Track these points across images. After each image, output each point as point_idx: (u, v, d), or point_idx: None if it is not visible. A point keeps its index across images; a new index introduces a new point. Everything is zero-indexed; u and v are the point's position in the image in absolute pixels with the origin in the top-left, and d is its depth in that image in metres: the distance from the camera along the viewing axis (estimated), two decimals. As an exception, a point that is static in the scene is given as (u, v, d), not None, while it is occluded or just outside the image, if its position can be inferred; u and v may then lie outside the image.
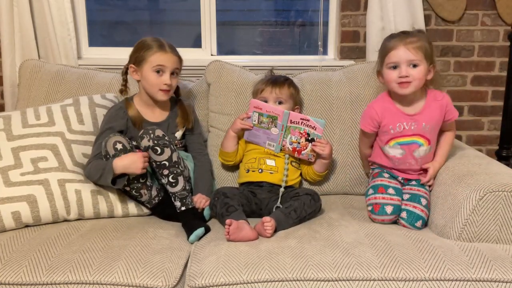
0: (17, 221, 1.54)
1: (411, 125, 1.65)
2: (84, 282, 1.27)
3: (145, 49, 1.71)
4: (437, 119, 1.65)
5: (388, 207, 1.59)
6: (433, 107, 1.65)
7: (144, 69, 1.72)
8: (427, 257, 1.32)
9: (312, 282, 1.26)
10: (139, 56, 1.72)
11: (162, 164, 1.58)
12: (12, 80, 2.22)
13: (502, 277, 1.26)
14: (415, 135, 1.65)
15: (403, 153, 1.67)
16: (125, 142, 1.57)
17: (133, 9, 2.80)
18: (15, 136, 1.64)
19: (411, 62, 1.58)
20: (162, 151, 1.56)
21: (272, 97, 1.82)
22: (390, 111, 1.67)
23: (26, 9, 2.15)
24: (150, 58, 1.70)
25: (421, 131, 1.64)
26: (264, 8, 2.85)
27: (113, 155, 1.56)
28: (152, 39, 1.75)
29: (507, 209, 1.41)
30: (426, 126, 1.64)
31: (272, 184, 1.76)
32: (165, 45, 1.73)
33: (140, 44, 1.75)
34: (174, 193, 1.60)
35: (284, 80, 1.87)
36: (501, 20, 2.35)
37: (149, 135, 1.56)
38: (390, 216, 1.58)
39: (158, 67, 1.71)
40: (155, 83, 1.72)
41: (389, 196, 1.62)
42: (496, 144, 2.39)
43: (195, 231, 1.50)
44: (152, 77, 1.71)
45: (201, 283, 1.26)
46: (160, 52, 1.71)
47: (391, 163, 1.73)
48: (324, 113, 1.98)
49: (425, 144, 1.65)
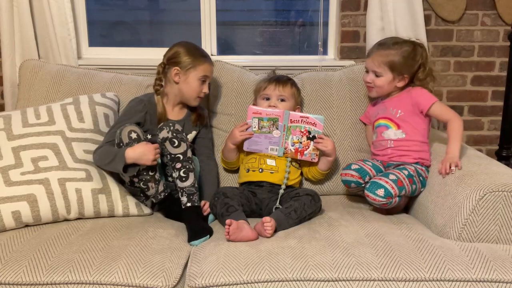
0: (17, 220, 1.54)
1: (381, 110, 1.85)
2: (84, 282, 1.27)
3: (194, 57, 1.78)
4: (407, 108, 1.77)
5: (355, 165, 1.76)
6: (402, 97, 1.81)
7: (191, 76, 1.78)
8: (427, 257, 1.32)
9: (312, 282, 1.26)
10: (187, 61, 1.77)
11: (176, 157, 1.60)
12: (12, 80, 2.21)
13: (503, 277, 1.26)
14: (384, 118, 1.82)
15: (377, 135, 1.85)
16: (139, 132, 1.61)
17: (133, 9, 2.80)
18: (15, 135, 1.64)
19: (375, 72, 1.81)
20: (179, 144, 1.60)
21: (275, 94, 1.82)
22: (376, 104, 1.92)
23: (26, 9, 2.15)
24: (200, 67, 1.78)
25: (389, 114, 1.81)
26: (264, 8, 2.85)
27: (127, 144, 1.58)
28: (195, 47, 1.83)
29: (507, 209, 1.42)
30: (393, 110, 1.80)
31: (273, 184, 1.76)
32: (208, 57, 1.83)
33: (186, 49, 1.79)
34: (183, 188, 1.61)
35: (287, 79, 1.88)
36: (501, 20, 2.35)
37: (169, 127, 1.60)
38: (353, 172, 1.72)
39: (204, 77, 1.79)
40: (197, 90, 1.79)
41: (363, 163, 1.78)
42: (496, 144, 2.39)
43: (200, 238, 1.50)
44: (196, 84, 1.78)
45: (201, 283, 1.26)
46: (208, 63, 1.81)
47: (374, 149, 1.87)
48: (324, 113, 1.98)
49: (394, 127, 1.79)
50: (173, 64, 1.79)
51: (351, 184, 1.74)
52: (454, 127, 1.71)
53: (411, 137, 1.77)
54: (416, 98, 1.77)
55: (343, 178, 1.76)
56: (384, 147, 1.81)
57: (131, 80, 2.03)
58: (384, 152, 1.81)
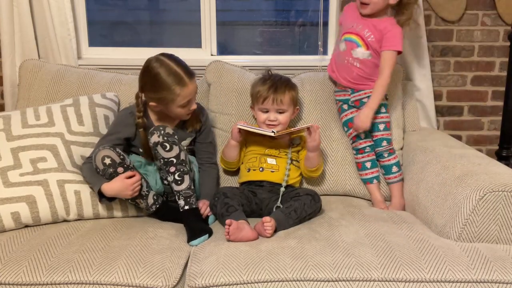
0: (17, 221, 1.54)
1: (358, 25, 1.87)
2: (84, 282, 1.27)
3: (167, 90, 1.61)
4: (377, 38, 1.84)
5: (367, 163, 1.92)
6: (381, 26, 1.84)
7: (171, 108, 1.66)
8: (427, 257, 1.32)
9: (312, 282, 1.26)
10: (162, 98, 1.63)
11: (169, 161, 1.57)
12: (12, 80, 2.21)
13: (503, 278, 1.26)
14: (357, 34, 1.86)
15: (345, 49, 1.89)
16: (114, 156, 1.55)
17: (133, 9, 2.79)
18: (14, 136, 1.64)
19: None
20: (171, 148, 1.56)
21: (274, 108, 1.79)
22: (353, 13, 1.92)
23: (26, 9, 2.14)
24: (177, 99, 1.63)
25: (362, 34, 1.86)
26: (264, 8, 2.85)
27: (102, 170, 1.55)
28: (167, 73, 1.61)
29: (507, 209, 1.41)
30: (367, 33, 1.84)
31: (273, 184, 1.76)
32: (184, 78, 1.62)
33: (157, 82, 1.62)
34: (179, 191, 1.60)
35: (285, 86, 1.81)
36: (501, 20, 2.34)
37: (159, 131, 1.56)
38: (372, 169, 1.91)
39: (185, 103, 1.66)
40: (183, 114, 1.70)
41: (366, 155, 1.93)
42: (496, 144, 2.39)
43: (199, 237, 1.49)
44: (180, 110, 1.68)
45: (201, 283, 1.26)
46: (184, 88, 1.62)
47: (336, 68, 1.95)
48: (323, 113, 1.99)
49: (363, 47, 1.85)
50: (149, 99, 1.67)
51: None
52: (378, 82, 1.84)
53: (375, 60, 1.86)
54: (389, 34, 1.82)
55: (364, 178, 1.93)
56: (350, 67, 1.88)
57: (131, 80, 2.03)
58: (349, 75, 1.89)
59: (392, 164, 1.90)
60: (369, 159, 1.91)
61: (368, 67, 1.87)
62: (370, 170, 1.90)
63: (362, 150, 1.91)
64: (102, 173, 1.55)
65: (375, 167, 1.91)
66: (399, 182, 1.89)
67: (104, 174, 1.55)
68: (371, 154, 1.92)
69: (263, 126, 1.82)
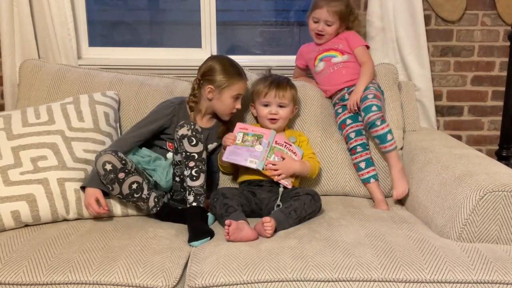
0: (17, 220, 1.54)
1: (322, 48, 2.05)
2: (84, 282, 1.27)
3: (229, 76, 1.79)
4: (344, 44, 2.02)
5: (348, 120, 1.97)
6: (335, 40, 2.05)
7: (224, 95, 1.79)
8: (428, 258, 1.32)
9: (312, 282, 1.26)
10: (222, 80, 1.78)
11: (191, 155, 1.60)
12: (12, 80, 2.21)
13: (503, 278, 1.26)
14: (327, 50, 2.04)
15: (324, 64, 2.03)
16: (115, 162, 1.55)
17: (133, 9, 2.80)
18: (15, 135, 1.64)
19: (327, 22, 2.00)
20: (197, 143, 1.61)
21: (276, 101, 1.82)
22: (309, 47, 2.13)
23: (26, 9, 2.15)
24: (234, 87, 1.80)
25: (332, 47, 2.03)
26: (264, 8, 2.85)
27: (103, 176, 1.55)
28: (230, 63, 1.83)
29: (507, 209, 1.41)
30: (335, 44, 2.03)
31: (272, 184, 1.75)
32: (243, 74, 1.84)
33: (222, 67, 1.80)
34: (192, 187, 1.61)
35: (286, 83, 1.86)
36: (501, 20, 2.34)
37: (189, 126, 1.62)
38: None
39: (237, 95, 1.82)
40: (230, 107, 1.82)
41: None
42: (496, 144, 2.39)
43: (201, 239, 1.49)
44: (229, 102, 1.81)
45: (201, 283, 1.26)
46: (242, 81, 1.82)
47: (324, 83, 2.04)
48: (323, 114, 1.99)
49: (339, 55, 2.02)
50: (208, 81, 1.80)
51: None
52: (365, 70, 1.95)
53: (354, 59, 2.00)
54: (348, 38, 2.02)
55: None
56: (337, 72, 1.99)
57: (132, 79, 2.03)
58: (340, 78, 1.97)
59: (386, 133, 1.86)
60: (362, 159, 1.91)
61: (351, 68, 1.99)
62: (365, 170, 1.90)
63: (354, 150, 1.91)
64: (103, 178, 1.56)
65: (370, 166, 1.90)
66: (395, 150, 1.89)
67: (105, 179, 1.55)
68: (364, 153, 1.91)
69: (265, 121, 1.84)
